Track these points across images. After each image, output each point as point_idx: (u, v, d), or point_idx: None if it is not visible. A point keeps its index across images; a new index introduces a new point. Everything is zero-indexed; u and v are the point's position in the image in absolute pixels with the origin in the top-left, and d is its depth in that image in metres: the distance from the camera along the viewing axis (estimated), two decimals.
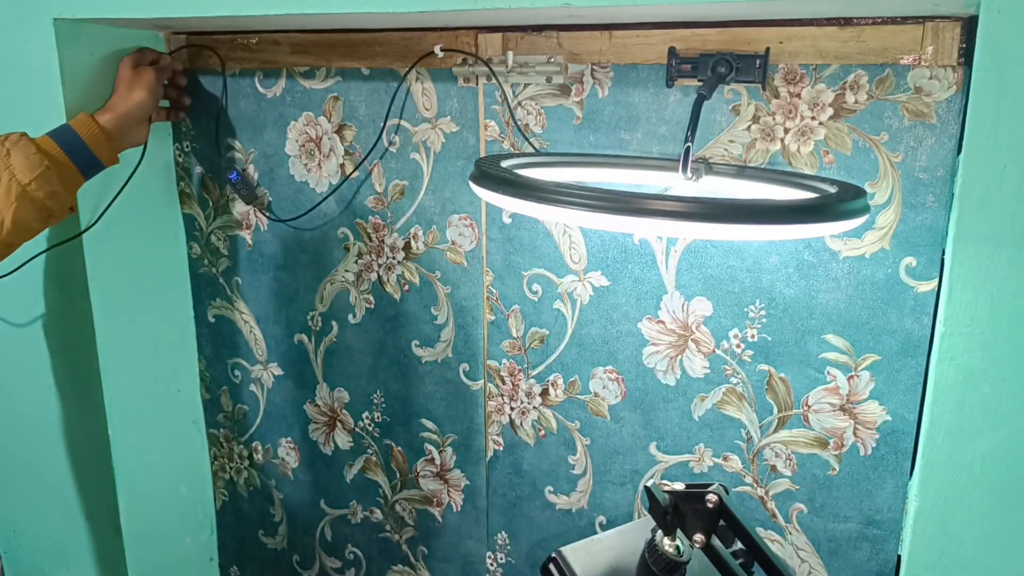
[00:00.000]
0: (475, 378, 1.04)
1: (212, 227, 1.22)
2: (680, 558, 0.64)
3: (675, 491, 0.63)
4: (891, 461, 0.81)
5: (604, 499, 0.99)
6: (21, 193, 0.89)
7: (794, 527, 0.88)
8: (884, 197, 0.76)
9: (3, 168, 0.89)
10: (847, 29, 0.73)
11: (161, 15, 0.87)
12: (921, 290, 0.76)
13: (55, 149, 0.93)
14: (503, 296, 0.99)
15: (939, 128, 0.72)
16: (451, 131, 0.96)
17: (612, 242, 0.90)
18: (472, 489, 1.09)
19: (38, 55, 0.98)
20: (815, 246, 0.80)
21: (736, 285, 0.84)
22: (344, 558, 1.25)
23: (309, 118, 1.06)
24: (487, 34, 0.90)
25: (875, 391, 0.80)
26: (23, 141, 0.90)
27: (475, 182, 0.76)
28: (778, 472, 0.87)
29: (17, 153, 0.89)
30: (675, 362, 0.90)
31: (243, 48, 1.07)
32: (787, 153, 0.79)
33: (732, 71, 0.77)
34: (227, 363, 1.26)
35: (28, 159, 0.89)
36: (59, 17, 0.95)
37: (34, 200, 0.90)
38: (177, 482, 1.28)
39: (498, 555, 1.10)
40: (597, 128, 0.88)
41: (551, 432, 1.01)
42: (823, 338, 0.81)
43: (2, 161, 0.89)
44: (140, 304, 1.17)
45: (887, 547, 0.83)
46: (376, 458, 1.17)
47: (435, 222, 1.01)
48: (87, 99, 1.02)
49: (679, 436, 0.92)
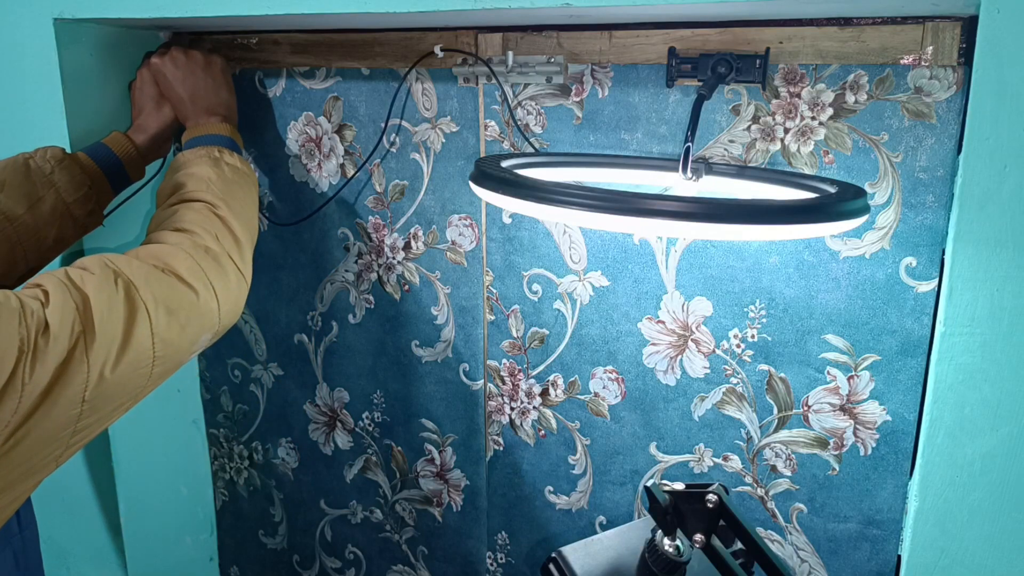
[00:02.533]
0: (475, 378, 1.04)
1: None
2: (680, 558, 0.64)
3: (675, 491, 0.63)
4: (891, 461, 0.81)
5: (604, 499, 0.99)
6: (65, 211, 0.90)
7: (794, 527, 0.88)
8: (884, 197, 0.76)
9: (48, 186, 0.88)
10: (847, 29, 0.73)
11: (161, 15, 0.87)
12: (921, 290, 0.76)
13: (94, 168, 0.94)
14: (503, 296, 0.99)
15: (939, 128, 0.72)
16: (451, 131, 0.96)
17: (612, 242, 0.90)
18: (472, 489, 1.09)
19: (38, 55, 0.98)
20: (815, 246, 0.80)
21: (736, 285, 0.84)
22: (344, 558, 1.25)
23: (309, 118, 1.06)
24: (487, 34, 0.90)
25: (875, 391, 0.80)
26: (67, 160, 0.90)
27: (475, 182, 0.76)
28: (778, 472, 0.87)
29: (62, 172, 0.89)
30: (675, 362, 0.90)
31: (243, 48, 1.07)
32: (787, 153, 0.79)
33: (732, 71, 0.77)
34: (227, 363, 1.26)
35: (73, 179, 0.90)
36: (59, 17, 0.95)
37: (76, 218, 0.91)
38: (177, 482, 1.28)
39: (498, 555, 1.10)
40: (597, 128, 0.88)
41: (551, 432, 1.01)
42: (823, 338, 0.81)
43: (47, 179, 0.88)
44: None
45: (887, 547, 0.83)
46: (376, 458, 1.17)
47: (435, 222, 1.01)
48: (87, 99, 1.02)
49: (679, 436, 0.92)
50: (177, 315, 0.72)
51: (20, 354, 0.60)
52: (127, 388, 0.68)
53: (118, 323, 0.67)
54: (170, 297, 0.72)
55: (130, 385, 0.69)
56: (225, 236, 0.82)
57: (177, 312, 0.72)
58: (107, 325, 0.66)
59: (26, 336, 0.60)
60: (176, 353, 0.73)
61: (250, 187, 0.91)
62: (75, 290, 0.66)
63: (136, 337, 0.68)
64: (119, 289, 0.68)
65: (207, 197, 0.84)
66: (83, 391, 0.64)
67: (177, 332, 0.72)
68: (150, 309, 0.69)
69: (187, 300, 0.74)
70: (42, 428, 0.62)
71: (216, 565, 1.38)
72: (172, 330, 0.71)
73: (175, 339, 0.71)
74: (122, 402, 0.69)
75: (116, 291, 0.68)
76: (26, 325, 0.61)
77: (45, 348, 0.61)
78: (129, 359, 0.67)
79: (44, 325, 0.62)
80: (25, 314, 0.61)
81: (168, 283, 0.73)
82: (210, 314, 0.76)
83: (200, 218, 0.81)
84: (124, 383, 0.67)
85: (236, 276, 0.81)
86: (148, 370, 0.70)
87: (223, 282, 0.78)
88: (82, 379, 0.63)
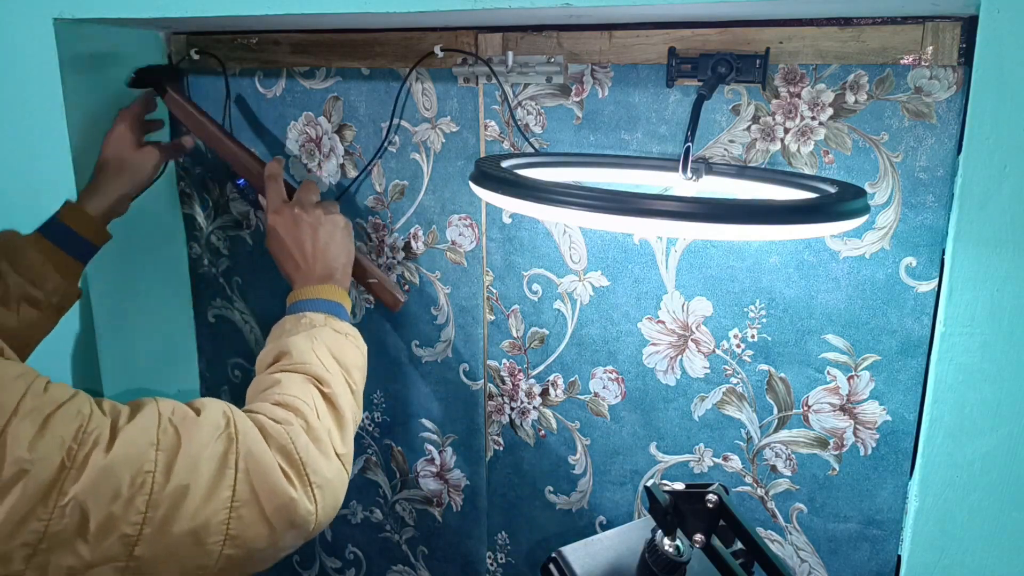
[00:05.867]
0: (475, 378, 1.04)
1: (212, 227, 1.22)
2: (680, 558, 0.64)
3: (675, 491, 0.63)
4: (891, 461, 0.81)
5: (604, 499, 0.99)
6: (21, 296, 0.90)
7: (794, 527, 0.88)
8: (884, 197, 0.76)
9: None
10: (847, 29, 0.73)
11: (161, 15, 0.87)
12: (921, 290, 0.76)
13: (49, 247, 0.94)
14: (503, 296, 0.99)
15: (939, 128, 0.72)
16: (451, 131, 0.96)
17: (612, 242, 0.90)
18: (472, 489, 1.09)
19: (38, 55, 0.98)
20: (815, 246, 0.80)
21: (736, 285, 0.84)
22: (344, 558, 1.25)
23: (309, 118, 1.06)
24: (487, 34, 0.90)
25: (875, 391, 0.80)
26: (16, 248, 0.90)
27: (475, 182, 0.76)
28: (778, 472, 0.87)
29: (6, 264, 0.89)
30: (675, 362, 0.90)
31: (243, 48, 1.07)
32: (787, 153, 0.79)
33: (732, 71, 0.77)
34: (227, 363, 1.26)
35: (30, 267, 0.91)
36: (59, 17, 0.95)
37: (37, 299, 0.92)
38: None
39: (498, 555, 1.10)
40: (597, 128, 0.88)
41: (551, 432, 1.00)
42: (823, 338, 0.81)
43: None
44: (140, 304, 1.17)
45: (887, 547, 0.83)
46: (376, 458, 1.17)
47: (435, 222, 1.01)
48: (87, 99, 1.02)
49: (679, 436, 0.92)
50: (266, 501, 0.64)
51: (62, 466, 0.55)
52: (184, 560, 0.61)
53: (203, 480, 0.61)
54: (265, 476, 0.64)
55: (190, 559, 0.61)
56: (326, 416, 0.73)
57: (267, 498, 0.64)
58: (188, 475, 0.60)
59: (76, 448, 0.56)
60: (254, 540, 0.64)
61: (357, 355, 0.83)
62: (170, 427, 0.61)
63: (214, 500, 0.61)
64: (217, 442, 0.63)
65: (312, 371, 0.76)
66: (136, 537, 0.58)
67: (258, 515, 0.64)
68: (238, 480, 0.63)
69: (282, 488, 0.65)
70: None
71: None
72: (253, 511, 0.63)
73: (254, 523, 0.63)
74: (172, 574, 0.61)
75: (215, 442, 0.62)
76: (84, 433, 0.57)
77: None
78: (201, 521, 0.60)
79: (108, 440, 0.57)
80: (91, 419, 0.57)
81: (266, 459, 0.65)
82: (303, 510, 0.66)
83: (303, 392, 0.73)
84: (183, 549, 0.60)
85: (338, 467, 0.71)
86: (217, 548, 0.62)
87: (322, 475, 0.69)
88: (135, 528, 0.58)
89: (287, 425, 0.68)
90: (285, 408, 0.70)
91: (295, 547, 0.69)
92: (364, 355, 0.85)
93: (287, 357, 0.77)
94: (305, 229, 0.90)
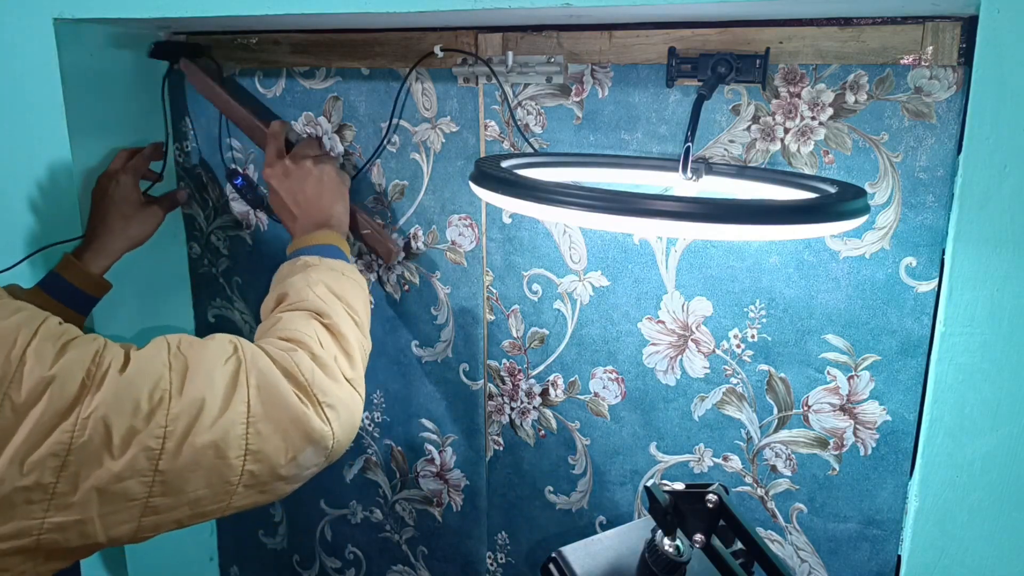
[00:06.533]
0: (475, 378, 1.04)
1: (212, 227, 1.22)
2: (680, 558, 0.64)
3: (675, 491, 0.63)
4: (891, 461, 0.81)
5: (604, 499, 0.99)
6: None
7: (794, 527, 0.88)
8: (884, 197, 0.76)
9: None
10: (847, 29, 0.73)
11: (161, 15, 0.87)
12: (921, 290, 0.76)
13: (52, 303, 0.94)
14: (503, 296, 0.99)
15: (939, 128, 0.72)
16: (451, 131, 0.96)
17: (612, 242, 0.90)
18: (472, 489, 1.09)
19: (38, 55, 0.98)
20: (815, 246, 0.79)
21: (736, 285, 0.84)
22: (344, 558, 1.25)
23: (309, 118, 1.06)
24: (487, 34, 0.90)
25: (875, 391, 0.80)
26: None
27: (475, 182, 0.76)
28: (778, 472, 0.87)
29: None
30: (675, 362, 0.90)
31: (243, 48, 1.07)
32: (787, 153, 0.79)
33: (732, 71, 0.77)
34: None
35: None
36: (59, 17, 0.95)
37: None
38: None
39: (498, 555, 1.10)
40: (597, 128, 0.88)
41: (551, 432, 1.00)
42: (823, 338, 0.81)
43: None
44: (140, 304, 1.17)
45: (887, 547, 0.83)
46: (376, 458, 1.17)
47: (435, 222, 1.01)
48: (87, 99, 1.02)
49: (679, 436, 0.92)
50: (279, 416, 0.67)
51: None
52: (209, 473, 0.63)
53: (217, 393, 0.64)
54: (275, 393, 0.67)
55: (214, 472, 0.63)
56: (330, 345, 0.76)
57: (279, 414, 0.67)
58: (200, 391, 0.63)
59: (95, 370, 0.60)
60: (274, 455, 0.66)
61: (356, 288, 0.85)
62: (177, 351, 0.65)
63: (229, 414, 0.64)
64: (227, 364, 0.66)
65: (311, 305, 0.78)
66: (159, 452, 0.61)
67: (273, 430, 0.66)
68: (251, 396, 0.66)
69: (293, 403, 0.68)
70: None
71: (216, 565, 1.38)
72: (268, 426, 0.66)
73: (271, 437, 0.66)
74: (199, 489, 0.63)
75: (224, 365, 0.66)
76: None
77: None
78: (220, 433, 0.63)
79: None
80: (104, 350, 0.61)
81: (274, 377, 0.68)
82: (317, 426, 0.69)
83: (304, 325, 0.75)
84: (206, 461, 0.63)
85: (348, 390, 0.74)
86: (239, 463, 0.64)
87: (332, 395, 0.71)
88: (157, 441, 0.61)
89: (291, 352, 0.71)
90: (288, 341, 0.73)
91: (318, 467, 0.71)
92: (364, 288, 0.87)
93: (286, 299, 0.80)
94: (295, 180, 0.93)
